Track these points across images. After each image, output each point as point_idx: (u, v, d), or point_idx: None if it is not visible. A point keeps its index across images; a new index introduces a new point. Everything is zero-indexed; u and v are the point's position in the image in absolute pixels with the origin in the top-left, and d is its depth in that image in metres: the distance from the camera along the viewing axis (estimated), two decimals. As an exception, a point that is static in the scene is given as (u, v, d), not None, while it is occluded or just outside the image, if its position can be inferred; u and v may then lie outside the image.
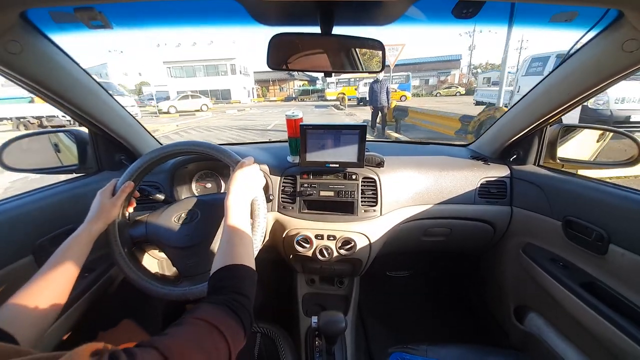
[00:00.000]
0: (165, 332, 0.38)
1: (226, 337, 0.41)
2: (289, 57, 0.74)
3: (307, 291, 1.31)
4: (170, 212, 0.86)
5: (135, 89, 40.53)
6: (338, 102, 22.00)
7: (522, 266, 1.09)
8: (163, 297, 0.75)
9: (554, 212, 0.96)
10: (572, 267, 0.90)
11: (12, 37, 0.62)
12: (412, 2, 0.61)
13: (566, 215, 0.90)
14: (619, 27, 0.64)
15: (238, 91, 32.03)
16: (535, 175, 1.06)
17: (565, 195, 0.94)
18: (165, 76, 31.43)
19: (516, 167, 1.14)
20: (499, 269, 1.27)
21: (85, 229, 0.68)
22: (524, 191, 1.09)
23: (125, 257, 0.77)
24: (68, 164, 1.09)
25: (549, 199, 0.98)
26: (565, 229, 0.90)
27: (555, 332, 0.97)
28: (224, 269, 0.53)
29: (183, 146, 0.84)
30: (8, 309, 0.48)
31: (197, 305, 0.45)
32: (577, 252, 0.89)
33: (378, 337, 1.41)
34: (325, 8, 0.66)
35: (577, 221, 0.87)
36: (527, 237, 1.09)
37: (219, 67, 31.31)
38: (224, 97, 31.79)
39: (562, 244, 0.93)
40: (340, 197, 1.04)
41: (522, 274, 1.10)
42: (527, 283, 1.08)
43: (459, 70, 39.68)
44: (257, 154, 1.17)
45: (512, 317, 1.18)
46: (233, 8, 0.62)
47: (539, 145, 1.09)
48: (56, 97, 0.81)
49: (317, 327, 0.84)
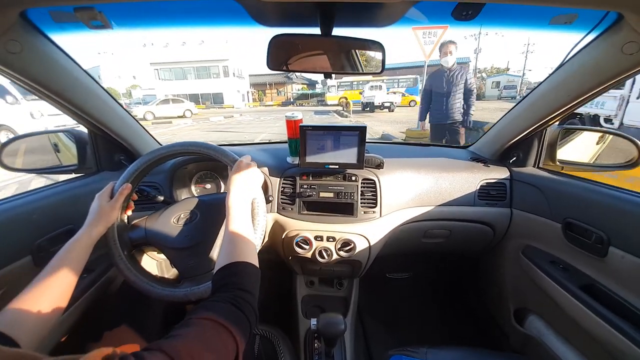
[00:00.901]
0: (172, 334, 0.37)
1: (234, 334, 0.40)
2: (289, 58, 0.74)
3: (307, 293, 1.30)
4: (170, 213, 0.86)
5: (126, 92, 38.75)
6: (340, 108, 20.23)
7: (522, 268, 1.09)
8: (165, 299, 0.75)
9: (554, 214, 0.96)
10: (572, 270, 0.90)
11: (12, 37, 0.62)
12: (412, 3, 0.61)
13: (566, 218, 0.90)
14: (618, 30, 0.64)
15: (231, 95, 30.11)
16: (534, 177, 1.06)
17: (565, 198, 0.94)
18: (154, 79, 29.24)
19: (516, 169, 1.14)
20: (499, 271, 1.26)
21: (85, 232, 0.67)
22: (523, 193, 1.09)
23: (125, 260, 0.76)
24: (67, 164, 1.09)
25: (549, 201, 0.98)
26: (565, 231, 0.90)
27: (555, 335, 0.97)
28: (226, 266, 0.53)
29: (181, 147, 0.84)
30: (9, 313, 0.48)
31: (201, 304, 0.45)
32: (576, 255, 0.89)
33: (377, 340, 1.40)
34: (325, 9, 0.66)
35: (577, 223, 0.86)
36: (527, 239, 1.09)
37: (211, 69, 29.36)
38: (215, 101, 29.92)
39: (562, 246, 0.93)
40: (340, 198, 1.04)
41: (521, 276, 1.10)
42: (527, 285, 1.07)
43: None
44: (257, 154, 1.17)
45: (512, 320, 1.17)
46: (233, 8, 0.63)
47: (539, 147, 1.09)
48: (56, 96, 0.81)
49: (317, 329, 0.84)
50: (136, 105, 21.01)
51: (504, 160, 1.19)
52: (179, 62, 28.48)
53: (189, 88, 28.39)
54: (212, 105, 29.54)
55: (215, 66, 29.07)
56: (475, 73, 35.31)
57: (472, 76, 3.39)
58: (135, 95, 32.96)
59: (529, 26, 0.87)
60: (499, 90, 28.55)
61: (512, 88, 27.17)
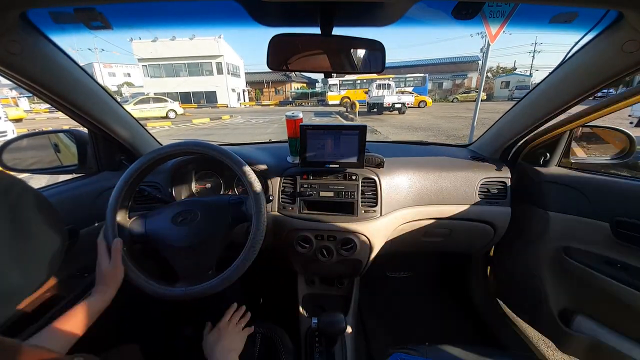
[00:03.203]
0: None
1: None
2: (289, 58, 0.74)
3: (307, 292, 1.31)
4: (170, 212, 0.86)
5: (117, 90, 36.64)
6: (344, 109, 18.41)
7: (566, 270, 1.06)
8: (160, 297, 0.75)
9: (599, 213, 0.94)
10: (632, 268, 0.87)
11: (12, 38, 0.62)
12: (412, 3, 0.61)
13: (615, 216, 0.89)
14: (618, 28, 0.64)
15: (226, 94, 28.19)
16: (570, 177, 1.04)
17: (611, 196, 0.92)
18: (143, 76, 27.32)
19: (541, 169, 1.12)
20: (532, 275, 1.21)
21: (99, 299, 0.68)
22: (560, 194, 1.06)
23: (123, 255, 0.77)
24: (68, 164, 1.09)
25: (591, 201, 0.96)
26: (616, 230, 0.89)
27: (617, 334, 0.94)
28: None
29: (184, 147, 0.84)
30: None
31: None
32: (631, 252, 0.87)
33: (378, 338, 1.41)
34: (325, 9, 0.66)
35: (628, 221, 0.85)
36: (565, 240, 1.06)
37: (203, 66, 27.09)
38: (208, 100, 28.22)
39: (612, 245, 0.91)
40: (340, 197, 1.04)
41: (565, 278, 1.07)
42: (572, 286, 1.05)
43: (476, 73, 34.48)
44: (257, 154, 1.17)
45: (558, 322, 1.13)
46: (233, 8, 0.62)
47: (565, 146, 1.08)
48: (56, 97, 0.81)
49: (317, 327, 0.84)
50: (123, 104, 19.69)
51: (504, 158, 1.19)
52: (169, 57, 26.47)
53: (179, 86, 26.80)
54: (205, 104, 28.08)
55: (207, 62, 27.06)
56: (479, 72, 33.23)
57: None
58: (125, 93, 31.09)
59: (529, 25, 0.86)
60: (510, 90, 27.61)
61: (524, 88, 24.77)
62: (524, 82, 27.91)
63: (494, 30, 4.43)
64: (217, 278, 0.76)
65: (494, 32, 4.47)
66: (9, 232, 0.35)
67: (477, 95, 5.23)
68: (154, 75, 27.43)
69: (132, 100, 16.35)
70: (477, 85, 29.95)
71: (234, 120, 15.93)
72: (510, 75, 32.49)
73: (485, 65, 5.31)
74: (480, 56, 25.43)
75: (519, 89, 25.82)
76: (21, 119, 15.01)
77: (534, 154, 1.14)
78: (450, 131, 9.30)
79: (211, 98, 28.68)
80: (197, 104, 28.32)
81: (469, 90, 29.50)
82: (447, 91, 34.06)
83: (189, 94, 27.85)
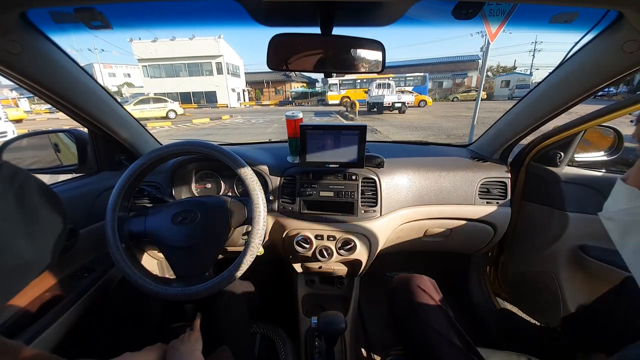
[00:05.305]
0: None
1: None
2: (289, 58, 0.74)
3: (307, 291, 1.30)
4: (170, 211, 0.86)
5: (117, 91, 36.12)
6: (344, 108, 18.38)
7: (585, 268, 1.06)
8: (155, 295, 0.75)
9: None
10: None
11: (12, 38, 0.62)
12: (412, 2, 0.61)
13: None
14: (618, 28, 0.64)
15: (226, 94, 28.28)
16: (585, 176, 1.05)
17: None
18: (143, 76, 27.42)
19: (556, 169, 1.12)
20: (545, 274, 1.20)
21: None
22: (577, 194, 1.07)
23: (122, 251, 0.77)
24: (68, 164, 1.09)
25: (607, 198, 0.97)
26: None
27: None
28: None
29: (184, 146, 0.84)
30: None
31: None
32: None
33: (378, 338, 1.41)
34: (325, 9, 0.66)
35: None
36: (580, 239, 1.07)
37: (203, 66, 27.22)
38: (208, 100, 28.30)
39: None
40: (340, 197, 1.04)
41: (582, 277, 1.07)
42: (591, 284, 1.05)
43: (476, 72, 34.10)
44: (257, 154, 1.17)
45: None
46: (233, 8, 0.62)
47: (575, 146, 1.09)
48: (56, 97, 0.81)
49: (317, 327, 0.84)
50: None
51: (505, 158, 1.19)
52: (169, 58, 26.50)
53: (179, 86, 26.76)
54: (205, 104, 28.11)
55: (207, 62, 27.17)
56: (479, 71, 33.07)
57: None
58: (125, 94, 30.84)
59: (529, 25, 0.86)
60: (510, 89, 27.45)
61: (525, 87, 24.45)
62: (524, 81, 27.75)
63: (493, 29, 4.43)
64: (215, 279, 0.76)
65: (493, 31, 4.46)
66: (19, 213, 0.37)
67: (477, 94, 5.23)
68: (154, 76, 27.58)
69: (132, 100, 16.34)
70: (477, 85, 29.04)
71: (234, 120, 15.90)
72: (510, 74, 32.33)
73: (486, 64, 5.32)
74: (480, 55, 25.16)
75: (519, 88, 25.62)
76: (21, 120, 15.04)
77: (544, 155, 1.14)
78: (451, 130, 9.30)
79: (211, 98, 28.75)
80: (197, 104, 28.39)
81: (469, 90, 29.36)
82: (447, 90, 33.91)
83: (189, 94, 27.93)
